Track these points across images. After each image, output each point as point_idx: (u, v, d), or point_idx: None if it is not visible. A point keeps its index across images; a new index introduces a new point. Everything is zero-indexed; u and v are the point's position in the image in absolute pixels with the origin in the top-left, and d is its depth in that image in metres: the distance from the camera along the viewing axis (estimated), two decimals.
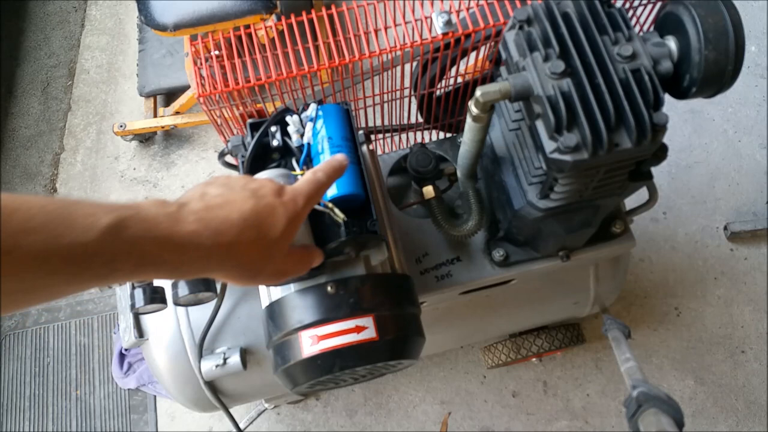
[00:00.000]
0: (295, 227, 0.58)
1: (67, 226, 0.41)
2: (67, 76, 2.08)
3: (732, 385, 1.57)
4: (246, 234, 0.53)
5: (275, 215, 0.55)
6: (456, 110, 1.13)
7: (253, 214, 0.54)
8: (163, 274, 0.49)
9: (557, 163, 0.66)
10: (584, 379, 1.59)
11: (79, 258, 0.42)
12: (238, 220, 0.52)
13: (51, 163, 1.96)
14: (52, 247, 0.40)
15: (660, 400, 0.80)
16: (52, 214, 0.41)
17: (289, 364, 0.71)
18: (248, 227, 0.53)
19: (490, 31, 0.90)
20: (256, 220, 0.54)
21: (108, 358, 1.68)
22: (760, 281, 1.66)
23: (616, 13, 0.69)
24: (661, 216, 1.73)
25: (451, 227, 0.92)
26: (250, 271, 0.56)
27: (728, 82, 0.68)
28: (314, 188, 0.60)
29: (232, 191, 0.55)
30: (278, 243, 0.56)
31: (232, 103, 0.94)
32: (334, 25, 0.89)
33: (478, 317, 1.18)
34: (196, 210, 0.51)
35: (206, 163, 1.91)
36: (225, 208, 0.53)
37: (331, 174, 0.63)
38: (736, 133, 1.82)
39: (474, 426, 1.56)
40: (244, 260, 0.54)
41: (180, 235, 0.48)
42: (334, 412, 1.58)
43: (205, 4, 1.51)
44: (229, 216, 0.52)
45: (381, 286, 0.75)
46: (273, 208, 0.55)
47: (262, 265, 0.56)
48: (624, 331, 1.07)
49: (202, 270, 0.52)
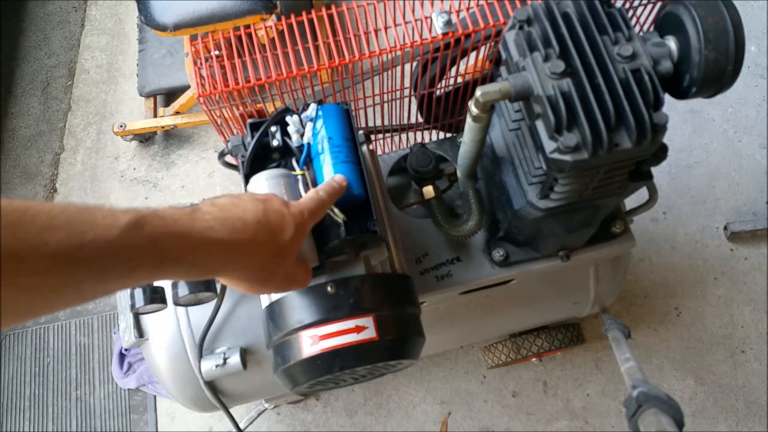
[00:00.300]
0: (302, 237, 0.61)
1: (90, 224, 0.42)
2: (67, 76, 2.08)
3: (732, 385, 1.57)
4: (260, 235, 0.55)
5: (285, 220, 0.58)
6: (456, 110, 1.13)
7: (265, 218, 0.56)
8: (180, 272, 0.50)
9: (557, 163, 0.66)
10: (584, 379, 1.59)
11: (103, 254, 0.43)
12: (252, 221, 0.55)
13: (51, 163, 1.96)
14: (77, 244, 0.41)
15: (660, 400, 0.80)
16: (74, 214, 0.42)
17: (289, 364, 0.71)
18: (262, 228, 0.55)
19: (490, 31, 0.90)
20: (268, 223, 0.56)
21: (108, 358, 1.68)
22: (760, 281, 1.66)
23: (616, 13, 0.69)
24: (661, 216, 1.73)
25: (451, 227, 0.92)
26: (263, 272, 0.58)
27: (728, 82, 0.68)
28: (317, 205, 0.64)
29: (242, 200, 0.57)
30: (289, 247, 0.58)
31: (232, 103, 0.94)
32: (334, 25, 0.89)
33: (478, 317, 1.18)
34: (210, 211, 0.53)
35: (206, 163, 1.91)
36: (238, 210, 0.55)
37: (331, 193, 0.67)
38: (736, 133, 1.82)
39: (474, 426, 1.56)
40: (257, 260, 0.56)
41: (198, 230, 0.50)
42: (334, 412, 1.58)
43: (205, 4, 1.51)
44: (244, 216, 0.54)
45: (381, 286, 0.75)
46: (283, 214, 0.58)
47: (275, 267, 0.58)
48: (624, 331, 1.07)
49: (218, 268, 0.54)
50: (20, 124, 2.02)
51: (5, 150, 1.98)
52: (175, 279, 0.52)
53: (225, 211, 0.54)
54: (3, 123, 2.01)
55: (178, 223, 0.48)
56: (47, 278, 0.40)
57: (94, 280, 0.43)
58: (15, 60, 2.10)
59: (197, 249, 0.50)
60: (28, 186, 1.93)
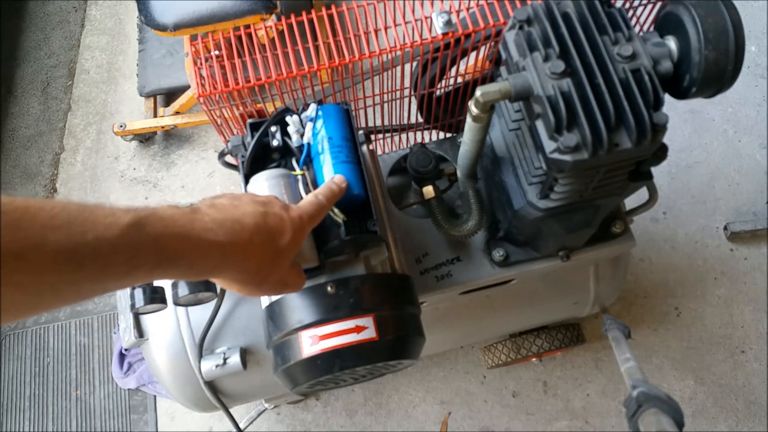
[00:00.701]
0: (299, 241, 0.61)
1: (92, 223, 0.42)
2: (67, 76, 2.08)
3: (732, 385, 1.57)
4: (258, 237, 0.55)
5: (284, 225, 0.58)
6: (456, 110, 1.13)
7: (264, 221, 0.56)
8: (178, 273, 0.50)
9: (557, 163, 0.66)
10: (584, 379, 1.59)
11: (104, 253, 0.43)
12: (250, 223, 0.55)
13: (51, 163, 1.96)
14: (78, 242, 0.41)
15: (660, 400, 0.80)
16: (74, 213, 0.42)
17: (289, 364, 0.71)
18: (260, 231, 0.56)
19: (490, 31, 0.90)
20: (267, 226, 0.56)
21: (108, 358, 1.68)
22: (760, 281, 1.66)
23: (616, 13, 0.69)
24: (661, 216, 1.73)
25: (451, 227, 0.92)
26: (258, 275, 0.58)
27: (728, 82, 0.68)
28: (316, 209, 0.64)
29: (241, 201, 0.57)
30: (285, 252, 0.59)
31: (232, 103, 0.94)
32: (334, 25, 0.89)
33: (478, 317, 1.18)
34: (209, 212, 0.53)
35: (206, 163, 1.91)
36: (237, 212, 0.55)
37: (330, 197, 0.67)
38: (736, 133, 1.82)
39: (474, 426, 1.56)
40: (253, 263, 0.56)
41: (197, 231, 0.50)
42: (334, 412, 1.58)
43: (205, 4, 1.51)
44: (242, 219, 0.55)
45: (381, 286, 0.75)
46: (281, 218, 0.58)
47: (270, 270, 0.58)
48: (624, 331, 1.07)
49: (215, 269, 0.54)
50: (20, 124, 2.02)
51: (5, 150, 1.98)
52: (173, 279, 0.53)
53: (224, 212, 0.54)
54: (3, 123, 2.01)
55: (177, 223, 0.49)
56: (46, 277, 0.40)
57: (94, 279, 0.43)
58: (15, 60, 2.10)
59: (196, 250, 0.50)
60: (28, 186, 1.93)
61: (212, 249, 0.51)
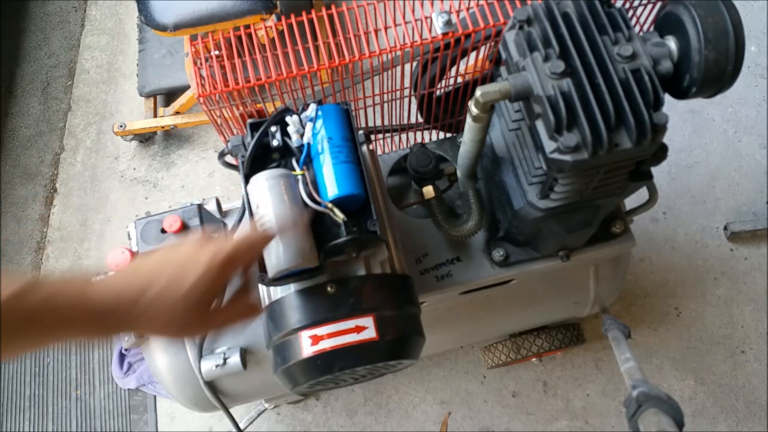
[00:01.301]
0: (218, 278, 0.58)
1: None
2: (67, 76, 2.08)
3: (732, 385, 1.57)
4: (151, 291, 0.54)
5: (187, 266, 0.56)
6: (456, 110, 1.13)
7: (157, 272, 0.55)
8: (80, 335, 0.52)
9: (557, 163, 0.66)
10: (584, 379, 1.59)
11: None
12: (140, 280, 0.54)
13: (51, 163, 1.96)
14: None
15: (660, 400, 0.80)
16: None
17: (289, 364, 0.71)
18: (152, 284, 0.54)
19: (490, 31, 0.90)
20: (160, 276, 0.55)
21: (108, 358, 1.68)
22: (760, 281, 1.66)
23: (616, 13, 0.69)
24: (661, 216, 1.73)
25: (451, 227, 0.92)
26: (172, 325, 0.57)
27: (728, 82, 0.68)
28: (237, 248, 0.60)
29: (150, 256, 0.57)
30: (196, 292, 0.56)
31: (232, 103, 0.94)
32: (334, 25, 0.89)
33: (478, 317, 1.18)
34: (108, 277, 0.54)
35: (206, 163, 1.91)
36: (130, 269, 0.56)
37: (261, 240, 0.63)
38: (736, 133, 1.82)
39: (474, 426, 1.56)
40: (154, 317, 0.55)
41: (89, 297, 0.51)
42: (334, 412, 1.58)
43: (205, 4, 1.51)
44: (132, 278, 0.55)
45: (381, 286, 0.75)
46: (189, 257, 0.56)
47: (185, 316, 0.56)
48: (624, 331, 1.07)
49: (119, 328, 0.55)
50: (20, 124, 2.02)
51: (5, 150, 1.98)
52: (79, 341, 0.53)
53: (120, 273, 0.55)
54: (3, 123, 2.01)
55: (68, 287, 0.50)
56: None
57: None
58: (15, 60, 2.10)
59: (86, 316, 0.51)
60: (28, 186, 1.93)
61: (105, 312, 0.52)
